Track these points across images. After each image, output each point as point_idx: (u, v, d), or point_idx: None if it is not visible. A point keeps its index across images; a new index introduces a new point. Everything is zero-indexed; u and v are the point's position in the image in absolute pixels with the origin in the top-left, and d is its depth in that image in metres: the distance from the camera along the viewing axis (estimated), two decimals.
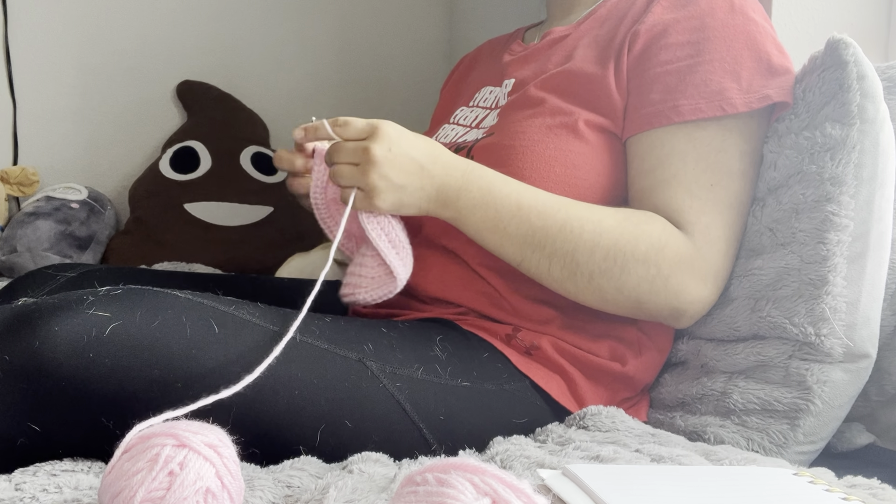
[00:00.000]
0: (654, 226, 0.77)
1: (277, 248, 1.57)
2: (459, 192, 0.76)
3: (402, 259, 0.78)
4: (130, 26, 1.73)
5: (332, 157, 0.75)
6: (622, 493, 0.51)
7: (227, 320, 0.64)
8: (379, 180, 0.73)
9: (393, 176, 0.73)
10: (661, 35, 0.83)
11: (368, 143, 0.73)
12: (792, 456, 0.75)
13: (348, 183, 0.74)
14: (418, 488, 0.41)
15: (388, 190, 0.73)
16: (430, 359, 0.74)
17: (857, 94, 0.77)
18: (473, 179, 0.77)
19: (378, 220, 0.76)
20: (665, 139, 0.80)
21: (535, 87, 0.90)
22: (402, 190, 0.74)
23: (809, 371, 0.75)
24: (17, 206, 1.65)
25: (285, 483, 0.58)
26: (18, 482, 0.54)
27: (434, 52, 2.02)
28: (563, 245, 0.77)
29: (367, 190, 0.73)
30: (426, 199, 0.76)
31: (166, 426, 0.48)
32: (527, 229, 0.77)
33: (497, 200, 0.77)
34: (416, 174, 0.75)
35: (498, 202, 0.77)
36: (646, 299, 0.78)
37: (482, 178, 0.77)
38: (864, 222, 0.75)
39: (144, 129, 1.76)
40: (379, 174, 0.72)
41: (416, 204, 0.76)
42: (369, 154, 0.72)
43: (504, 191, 0.77)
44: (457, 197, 0.76)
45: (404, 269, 0.78)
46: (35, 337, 0.56)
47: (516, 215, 0.77)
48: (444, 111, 1.13)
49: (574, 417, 0.79)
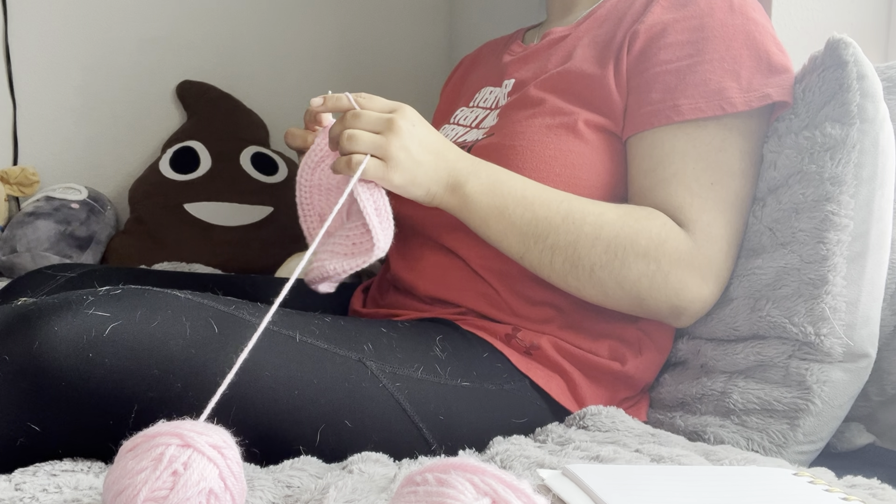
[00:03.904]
0: (655, 221, 0.78)
1: (277, 248, 1.57)
2: (468, 177, 0.77)
3: (383, 228, 0.75)
4: (130, 26, 1.73)
5: (350, 121, 0.74)
6: (622, 493, 0.51)
7: (227, 320, 0.64)
8: (400, 150, 0.73)
9: (414, 150, 0.73)
10: (660, 35, 0.83)
11: (394, 116, 0.73)
12: (792, 456, 0.75)
13: (365, 149, 0.72)
14: (418, 488, 0.41)
15: (406, 162, 0.73)
16: (430, 359, 0.74)
17: (857, 93, 0.77)
18: (482, 168, 0.78)
19: (369, 186, 0.74)
20: (665, 138, 0.81)
21: (535, 87, 0.90)
22: (419, 166, 0.74)
23: (809, 371, 0.75)
24: (17, 206, 1.65)
25: (285, 483, 0.58)
26: (18, 482, 0.54)
27: (434, 52, 2.02)
28: (565, 236, 0.77)
29: (386, 159, 0.73)
30: (437, 181, 0.76)
31: (171, 425, 0.48)
32: (530, 217, 0.77)
33: (503, 188, 0.78)
34: (434, 153, 0.75)
35: (504, 189, 0.77)
36: (646, 295, 0.78)
37: (489, 167, 0.79)
38: (864, 222, 0.75)
39: (144, 129, 1.76)
40: (401, 144, 0.73)
41: (427, 185, 0.76)
42: (394, 124, 0.73)
43: (510, 181, 0.78)
44: (465, 181, 0.77)
45: (384, 239, 0.75)
46: (35, 337, 0.56)
47: (521, 203, 0.77)
48: (444, 112, 1.13)
49: (574, 417, 0.79)
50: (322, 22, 1.90)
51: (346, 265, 0.75)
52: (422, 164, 0.75)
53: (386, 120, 0.73)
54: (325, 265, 0.76)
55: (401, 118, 0.73)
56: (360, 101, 0.75)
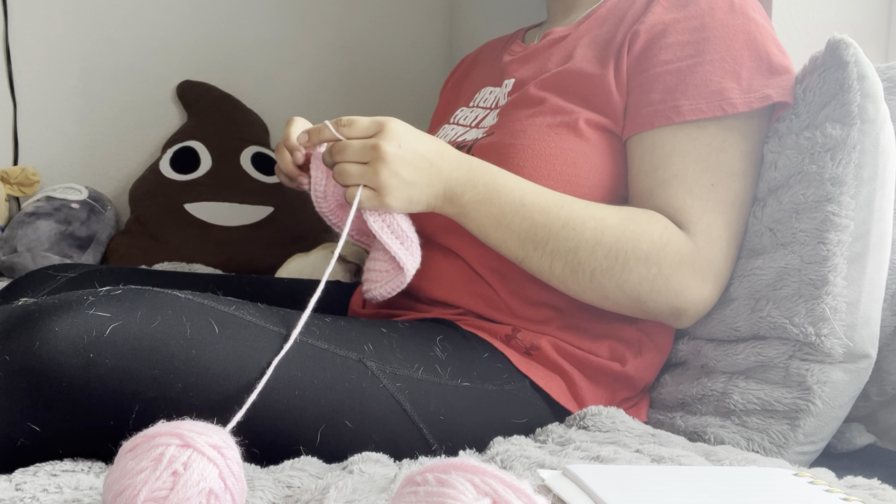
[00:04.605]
0: (656, 225, 0.78)
1: (277, 248, 1.57)
2: (465, 188, 0.76)
3: (408, 249, 0.77)
4: (130, 26, 1.73)
5: (336, 156, 0.74)
6: (622, 493, 0.51)
7: (228, 320, 0.64)
8: (390, 178, 0.72)
9: (404, 173, 0.73)
10: (661, 35, 0.83)
11: (378, 141, 0.72)
12: (792, 456, 0.75)
13: (356, 181, 0.73)
14: (418, 488, 0.41)
15: (399, 187, 0.73)
16: (431, 359, 0.74)
17: (858, 94, 0.77)
18: (478, 175, 0.77)
19: (380, 214, 0.76)
20: (666, 139, 0.81)
21: (535, 86, 0.90)
22: (412, 187, 0.74)
23: (810, 371, 0.75)
24: (17, 206, 1.65)
25: (285, 483, 0.58)
26: (18, 482, 0.54)
27: (434, 52, 2.02)
28: (565, 242, 0.77)
29: (378, 188, 0.73)
30: (434, 195, 0.76)
31: (171, 426, 0.48)
32: (529, 225, 0.77)
33: (501, 196, 0.77)
34: (426, 170, 0.74)
35: (502, 198, 0.77)
36: (646, 298, 0.78)
37: (486, 173, 0.78)
38: (865, 222, 0.75)
39: (144, 129, 1.76)
40: (390, 171, 0.72)
41: (425, 201, 0.76)
42: (379, 151, 0.72)
43: (508, 186, 0.77)
44: (462, 192, 0.76)
45: (412, 260, 0.77)
46: (35, 337, 0.56)
47: (519, 211, 0.77)
48: (444, 111, 1.13)
49: (574, 418, 0.79)
50: (322, 22, 1.90)
51: (389, 289, 0.79)
52: (415, 184, 0.74)
53: (370, 147, 0.72)
54: (373, 293, 0.80)
55: (385, 142, 0.72)
56: (342, 131, 0.74)
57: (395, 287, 0.79)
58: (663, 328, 0.87)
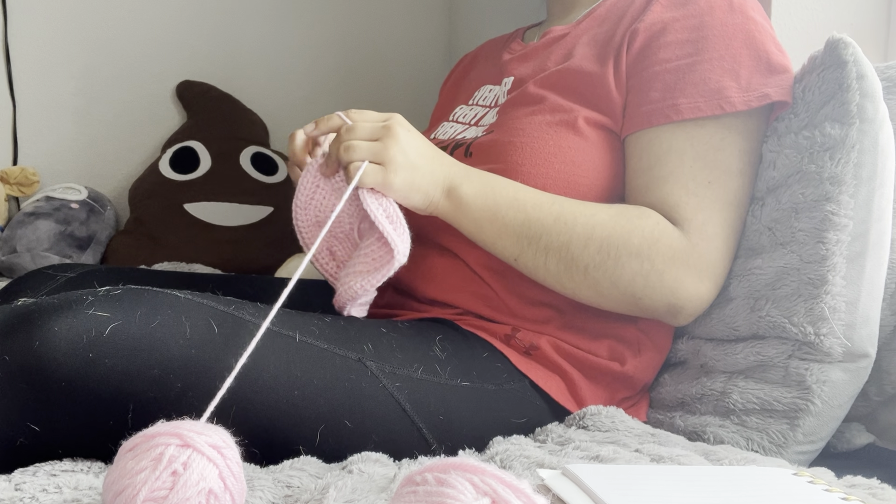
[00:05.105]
0: (648, 220, 0.78)
1: (277, 248, 1.57)
2: (463, 181, 0.78)
3: (399, 235, 0.76)
4: (130, 26, 1.73)
5: (348, 134, 0.75)
6: (622, 493, 0.51)
7: (227, 320, 0.64)
8: (398, 153, 0.74)
9: (411, 153, 0.75)
10: (660, 33, 0.83)
11: (390, 122, 0.75)
12: (791, 456, 0.75)
13: (363, 156, 0.74)
14: (418, 488, 0.41)
15: (404, 166, 0.74)
16: (430, 359, 0.74)
17: (857, 93, 0.77)
18: (474, 172, 0.80)
19: (376, 196, 0.75)
20: (663, 137, 0.81)
21: (535, 84, 0.90)
22: (417, 170, 0.75)
23: (809, 371, 0.75)
24: (16, 206, 1.65)
25: (285, 483, 0.58)
26: (18, 482, 0.54)
27: (434, 52, 2.02)
28: (557, 237, 0.77)
29: (385, 162, 0.74)
30: (434, 184, 0.77)
31: (171, 425, 0.48)
32: (523, 219, 0.78)
33: (496, 191, 0.79)
34: (430, 158, 0.77)
35: (497, 192, 0.79)
36: (641, 294, 0.78)
37: (481, 172, 0.81)
38: (864, 222, 0.75)
39: (144, 129, 1.76)
40: (399, 148, 0.74)
41: (425, 188, 0.77)
42: (391, 129, 0.74)
43: (501, 183, 0.80)
44: (460, 184, 0.78)
45: (402, 244, 0.76)
46: (35, 337, 0.56)
47: (513, 205, 0.78)
48: (443, 110, 1.13)
49: (574, 417, 0.79)
50: (322, 22, 1.90)
51: (372, 281, 0.77)
52: (419, 168, 0.76)
53: (382, 126, 0.75)
54: (352, 285, 0.77)
55: (397, 124, 0.75)
56: (352, 116, 0.77)
57: (382, 277, 0.76)
58: (662, 328, 0.87)
